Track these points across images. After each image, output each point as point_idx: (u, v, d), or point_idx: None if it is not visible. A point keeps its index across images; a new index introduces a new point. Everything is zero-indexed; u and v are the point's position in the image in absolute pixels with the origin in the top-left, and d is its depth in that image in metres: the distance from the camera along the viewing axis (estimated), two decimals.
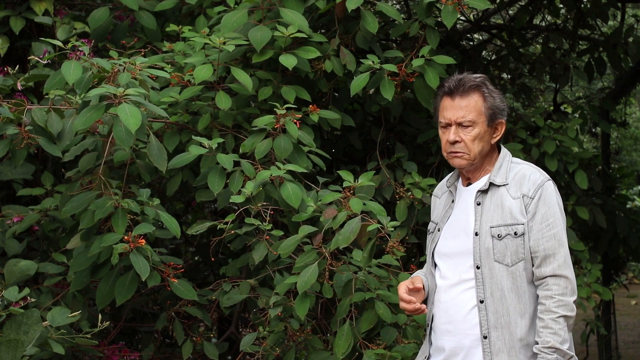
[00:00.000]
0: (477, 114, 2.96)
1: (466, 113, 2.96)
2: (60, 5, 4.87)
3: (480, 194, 2.99)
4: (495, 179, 2.97)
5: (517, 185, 2.95)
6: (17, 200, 4.82)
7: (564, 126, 5.55)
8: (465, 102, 2.96)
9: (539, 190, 2.92)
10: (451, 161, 3.02)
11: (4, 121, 3.69)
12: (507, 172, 2.98)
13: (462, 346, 2.93)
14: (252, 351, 3.94)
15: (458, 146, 2.98)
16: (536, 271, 2.89)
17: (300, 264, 3.69)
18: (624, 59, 6.67)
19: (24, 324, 3.46)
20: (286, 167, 3.83)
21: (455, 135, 2.97)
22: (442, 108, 3.01)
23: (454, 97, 2.97)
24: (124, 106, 3.49)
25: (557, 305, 2.84)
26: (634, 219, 6.73)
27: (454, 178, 3.14)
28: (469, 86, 2.96)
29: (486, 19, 7.02)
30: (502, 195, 2.95)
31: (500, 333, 2.87)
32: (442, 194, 3.18)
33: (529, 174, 2.96)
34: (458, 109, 2.96)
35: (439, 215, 3.12)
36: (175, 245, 5.93)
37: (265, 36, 4.08)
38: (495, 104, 2.99)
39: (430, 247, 3.11)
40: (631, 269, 13.00)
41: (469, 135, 2.96)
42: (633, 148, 12.07)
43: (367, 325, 3.77)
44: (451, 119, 2.97)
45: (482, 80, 3.00)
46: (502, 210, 2.93)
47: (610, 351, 7.65)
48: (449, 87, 2.98)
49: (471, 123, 2.96)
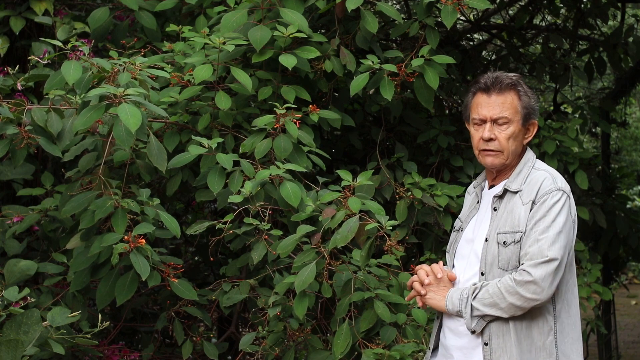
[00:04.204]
0: (513, 112, 2.93)
1: (502, 110, 2.92)
2: (60, 5, 4.87)
3: (496, 199, 2.96)
4: (511, 185, 2.93)
5: (529, 191, 2.89)
6: (17, 200, 4.82)
7: (564, 126, 5.55)
8: (502, 99, 2.93)
9: (544, 196, 2.86)
10: (483, 159, 2.97)
11: (4, 121, 3.69)
12: (525, 177, 2.93)
13: (464, 347, 2.92)
14: (251, 351, 3.95)
15: (492, 144, 2.93)
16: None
17: (299, 263, 3.69)
18: (624, 59, 6.67)
19: (24, 324, 3.46)
20: (286, 166, 3.83)
21: (490, 132, 2.92)
22: (477, 104, 2.96)
23: (491, 94, 2.93)
24: (124, 106, 3.49)
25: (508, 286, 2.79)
26: (634, 219, 6.73)
27: (481, 178, 3.11)
28: (507, 84, 2.93)
29: (486, 19, 7.02)
30: (516, 201, 2.90)
31: (502, 340, 2.85)
32: (472, 192, 3.14)
33: (542, 180, 2.89)
34: (494, 106, 2.92)
35: (464, 214, 3.10)
36: (175, 245, 5.93)
37: (265, 36, 4.08)
38: (530, 104, 2.96)
39: (452, 246, 3.10)
40: (631, 269, 13.00)
41: (504, 133, 2.92)
42: (633, 148, 12.07)
43: (366, 325, 3.77)
44: (487, 115, 2.93)
45: (518, 79, 2.97)
46: (512, 217, 2.88)
47: (610, 351, 7.65)
48: (486, 83, 2.94)
49: (507, 120, 2.92)
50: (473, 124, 2.99)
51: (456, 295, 2.90)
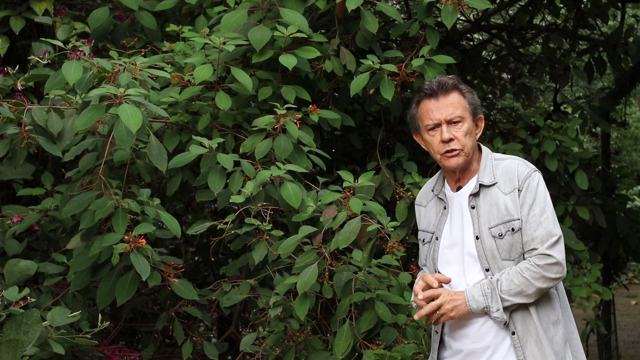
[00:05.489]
0: (463, 109, 2.98)
1: (454, 110, 2.97)
2: (60, 5, 4.87)
3: (472, 197, 2.98)
4: (484, 179, 2.97)
5: (506, 180, 2.95)
6: (17, 200, 4.82)
7: (564, 126, 5.55)
8: (450, 99, 2.98)
9: (526, 181, 2.92)
10: (447, 162, 2.99)
11: (4, 121, 3.69)
12: (493, 169, 2.98)
13: (486, 346, 2.93)
14: (252, 351, 3.95)
15: (453, 143, 2.96)
16: (531, 251, 2.90)
17: (300, 264, 3.68)
18: (624, 59, 6.67)
19: (24, 324, 3.46)
20: (286, 167, 3.83)
21: (449, 132, 2.96)
22: (426, 111, 3.00)
23: (438, 98, 2.99)
24: (125, 106, 3.49)
25: (533, 272, 2.85)
26: (634, 219, 6.74)
27: (439, 184, 3.12)
28: (450, 84, 2.99)
29: (486, 19, 7.02)
30: (494, 194, 2.95)
31: (526, 326, 2.89)
32: (427, 202, 3.15)
33: (515, 167, 2.96)
34: (445, 107, 2.97)
35: (432, 224, 3.09)
36: (175, 245, 5.93)
37: (265, 36, 4.08)
38: (474, 100, 3.03)
39: (430, 256, 3.09)
40: (631, 269, 13.00)
41: (460, 131, 2.97)
42: (633, 148, 12.07)
43: (366, 326, 3.77)
44: (440, 118, 2.97)
45: (457, 78, 3.04)
46: (497, 209, 2.92)
47: (610, 351, 7.65)
48: (431, 88, 3.00)
49: (460, 118, 2.97)
50: (427, 131, 3.02)
51: (477, 293, 2.90)
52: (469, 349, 2.96)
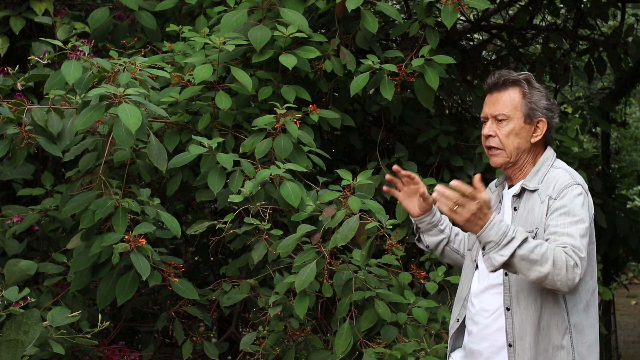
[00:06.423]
0: (513, 108, 2.92)
1: (502, 107, 2.93)
2: (60, 5, 4.87)
3: (515, 198, 2.94)
4: (529, 184, 2.91)
5: (546, 188, 2.86)
6: (17, 200, 4.81)
7: (564, 126, 5.55)
8: (502, 96, 2.94)
9: (564, 190, 2.83)
10: (490, 159, 2.98)
11: (4, 121, 3.69)
12: (543, 176, 2.91)
13: (487, 351, 2.91)
14: (252, 351, 3.95)
15: (492, 140, 2.94)
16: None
17: (299, 263, 3.69)
18: (624, 59, 6.67)
19: (24, 324, 3.46)
20: (286, 166, 3.83)
21: (490, 129, 2.94)
22: (484, 103, 2.99)
23: (493, 93, 2.96)
24: (124, 106, 3.49)
25: (561, 260, 2.64)
26: (634, 219, 6.73)
27: (503, 178, 3.09)
28: (509, 81, 2.94)
29: (486, 19, 7.02)
30: (534, 200, 2.88)
31: (526, 342, 2.82)
32: (494, 191, 3.10)
33: (558, 176, 2.87)
34: (494, 104, 2.95)
35: None
36: (175, 245, 5.93)
37: (265, 36, 4.08)
38: (534, 101, 2.94)
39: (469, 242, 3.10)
40: (631, 269, 12.99)
41: (503, 130, 2.92)
42: (633, 148, 12.08)
43: (367, 324, 3.77)
44: (487, 112, 2.96)
45: (525, 77, 2.96)
46: (532, 216, 2.86)
47: (610, 351, 7.65)
48: (488, 83, 2.97)
49: (505, 117, 2.92)
50: (482, 123, 3.01)
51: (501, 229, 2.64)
52: (475, 348, 2.97)
